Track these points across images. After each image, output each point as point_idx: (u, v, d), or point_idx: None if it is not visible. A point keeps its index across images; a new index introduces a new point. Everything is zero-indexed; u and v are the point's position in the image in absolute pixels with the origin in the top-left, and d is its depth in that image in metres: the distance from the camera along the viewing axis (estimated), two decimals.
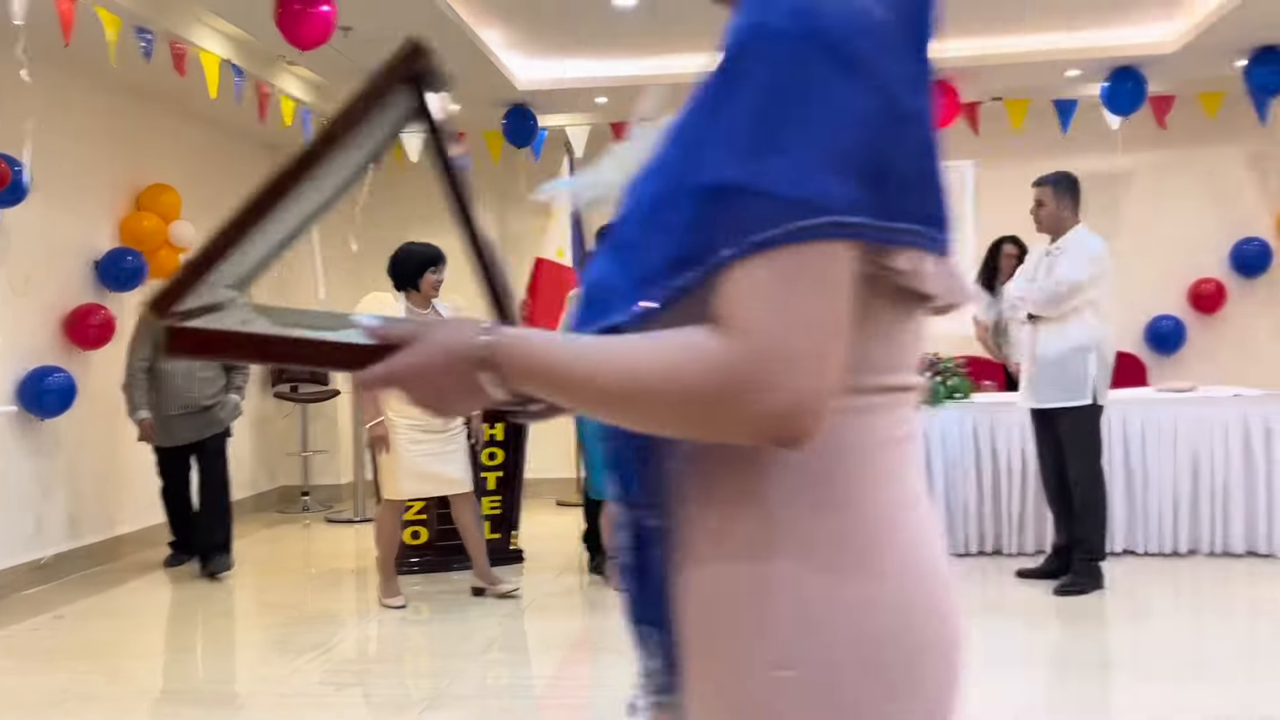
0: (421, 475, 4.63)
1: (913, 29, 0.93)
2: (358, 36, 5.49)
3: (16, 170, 4.76)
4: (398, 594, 4.76)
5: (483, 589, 4.85)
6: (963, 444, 5.42)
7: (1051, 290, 4.59)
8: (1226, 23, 5.69)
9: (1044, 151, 7.29)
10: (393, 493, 4.67)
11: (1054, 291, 4.58)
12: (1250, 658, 3.85)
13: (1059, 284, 4.58)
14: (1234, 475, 5.26)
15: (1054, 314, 4.62)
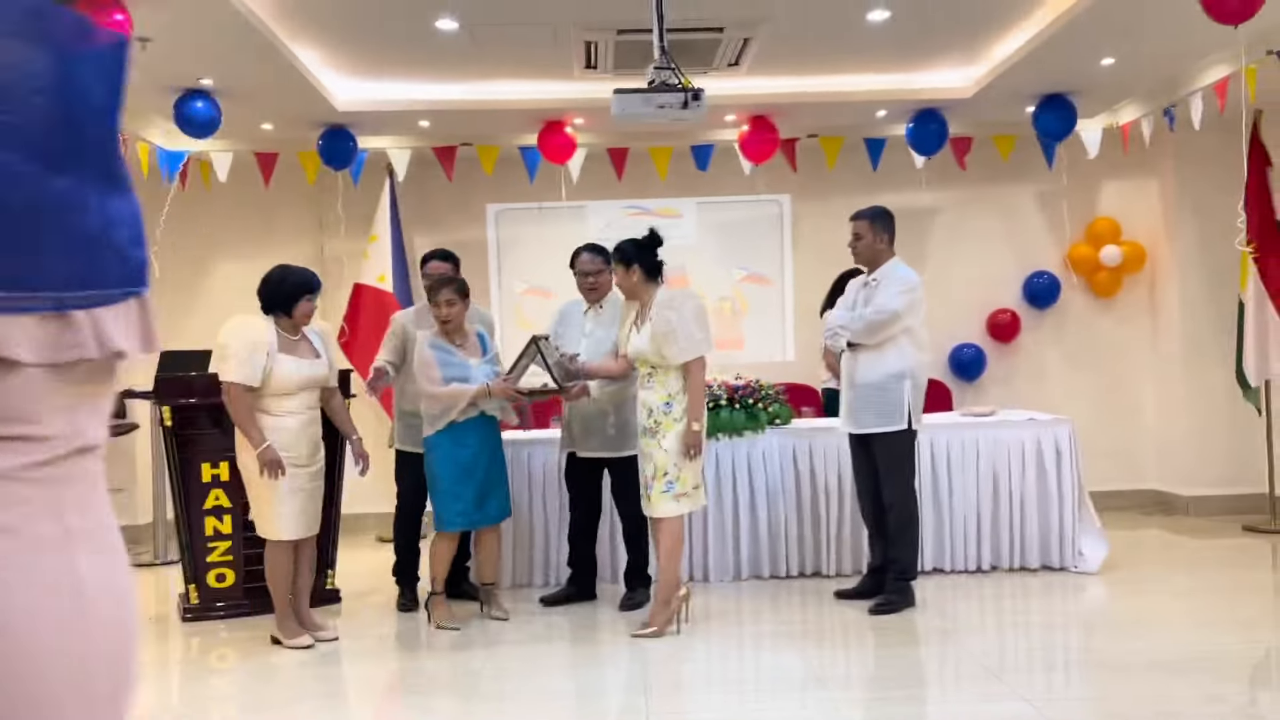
0: (300, 513, 4.41)
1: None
2: (158, 49, 5.18)
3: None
4: (301, 633, 4.48)
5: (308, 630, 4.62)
6: (783, 468, 5.56)
7: (870, 319, 4.75)
8: (1017, 71, 6.10)
9: (856, 187, 7.63)
10: (275, 533, 4.39)
11: (871, 320, 4.74)
12: (1047, 666, 4.08)
13: (877, 313, 4.74)
14: (1029, 494, 5.59)
15: (872, 342, 4.77)
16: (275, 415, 4.36)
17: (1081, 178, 7.70)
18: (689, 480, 4.48)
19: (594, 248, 5.09)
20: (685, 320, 4.45)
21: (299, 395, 4.42)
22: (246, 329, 4.36)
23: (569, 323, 5.09)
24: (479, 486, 4.67)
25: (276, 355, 4.34)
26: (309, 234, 7.78)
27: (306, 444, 4.44)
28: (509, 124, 7.01)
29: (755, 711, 3.62)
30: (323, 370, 4.52)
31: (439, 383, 4.59)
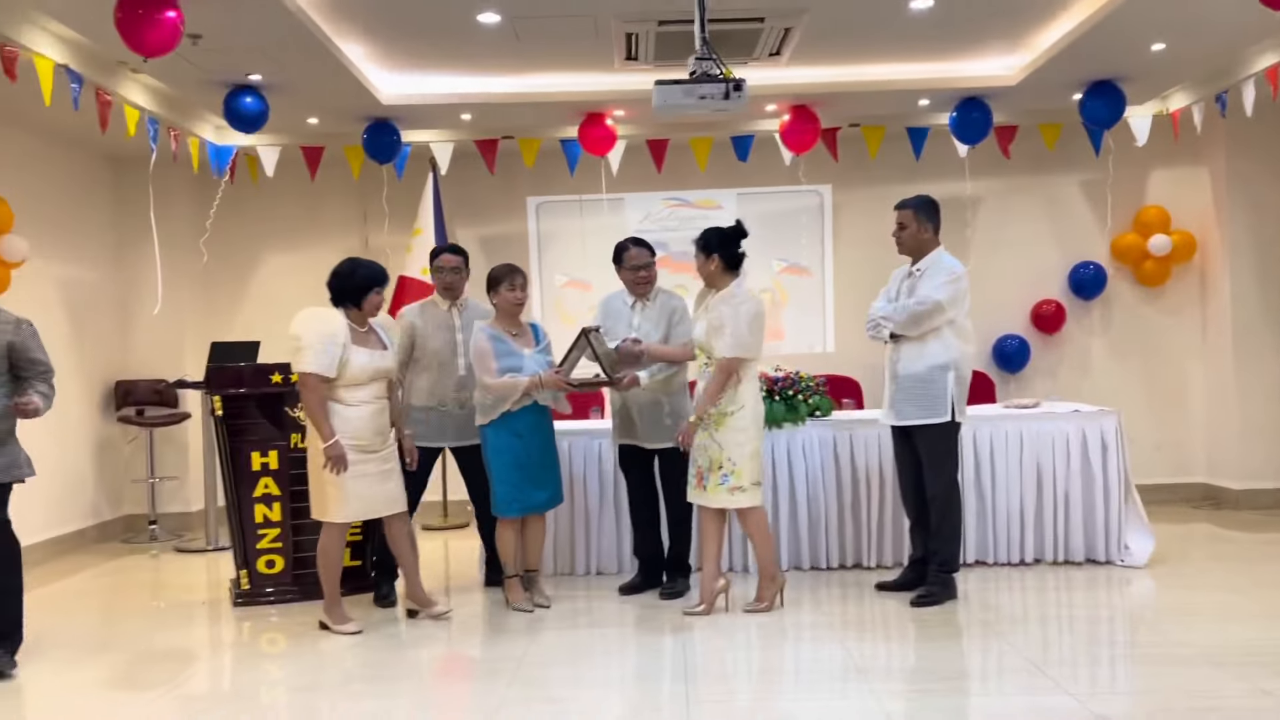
0: (366, 497, 4.52)
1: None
2: (208, 44, 5.28)
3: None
4: (348, 620, 4.60)
5: (416, 610, 4.76)
6: (823, 460, 5.55)
7: (913, 310, 4.71)
8: (1064, 57, 6.03)
9: (898, 177, 7.58)
10: (338, 515, 4.51)
11: (915, 311, 4.71)
12: (1092, 660, 4.05)
13: (920, 304, 4.70)
14: (1074, 487, 5.54)
15: (915, 333, 4.74)
16: (348, 405, 4.50)
17: (1129, 166, 7.59)
18: (746, 475, 4.54)
19: (640, 241, 5.12)
20: (739, 319, 4.53)
21: (370, 385, 4.55)
22: (321, 321, 4.48)
23: (615, 316, 5.11)
24: (533, 474, 4.78)
25: (350, 347, 4.46)
26: (354, 227, 7.88)
27: (375, 431, 4.56)
28: (550, 116, 7.04)
29: (795, 701, 3.63)
30: (390, 361, 4.66)
31: (494, 373, 4.70)
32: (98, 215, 7.40)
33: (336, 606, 4.62)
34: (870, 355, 7.34)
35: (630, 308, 5.09)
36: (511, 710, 3.56)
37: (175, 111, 6.45)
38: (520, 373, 4.72)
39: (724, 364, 4.54)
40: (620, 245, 5.12)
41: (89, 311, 7.19)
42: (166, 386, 7.34)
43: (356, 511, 4.55)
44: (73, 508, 6.96)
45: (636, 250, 5.06)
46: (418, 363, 5.10)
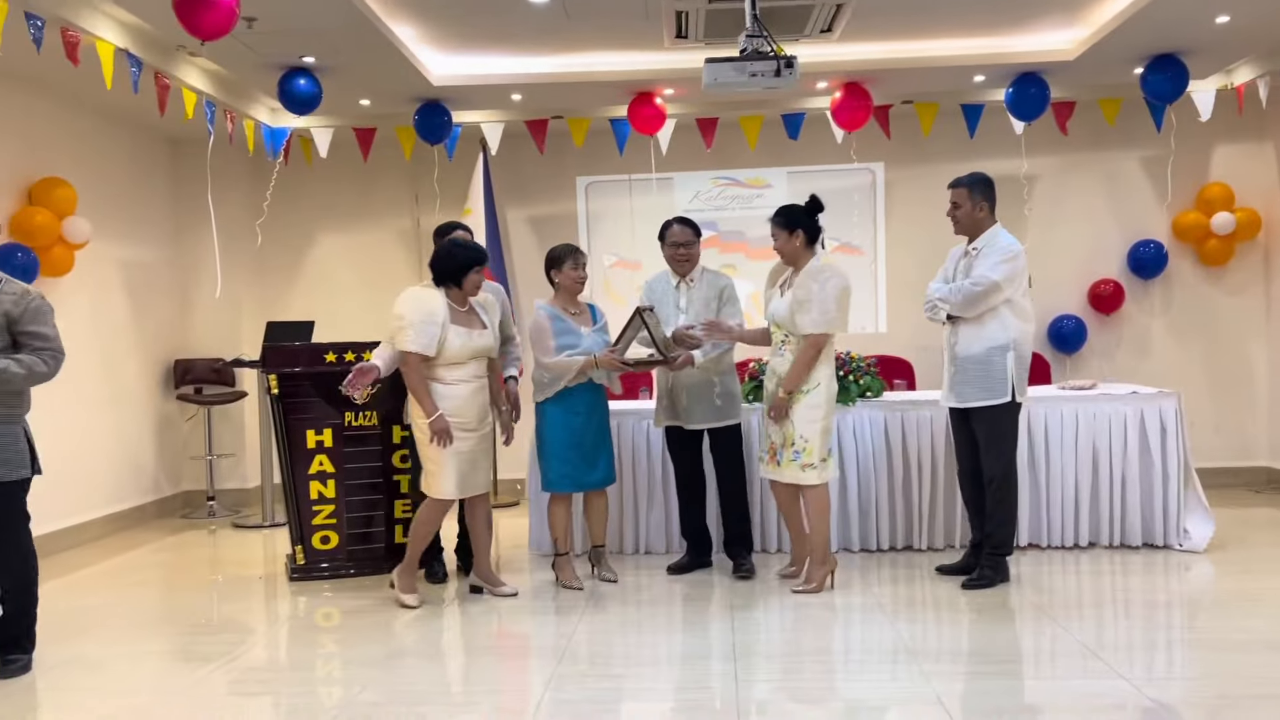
0: (465, 475, 4.62)
1: None
2: (263, 28, 5.35)
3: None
4: (414, 590, 4.74)
5: (480, 588, 4.87)
6: (874, 441, 5.51)
7: (968, 291, 4.63)
8: (1125, 30, 5.88)
9: (952, 155, 7.47)
10: (439, 492, 4.62)
11: (970, 292, 4.63)
12: (1148, 645, 3.99)
13: (975, 284, 4.62)
14: (1131, 470, 5.44)
15: (972, 314, 4.67)
16: (447, 383, 4.58)
17: (1192, 142, 7.41)
18: (816, 452, 4.61)
19: (684, 220, 5.15)
20: (826, 295, 4.56)
21: (469, 364, 4.62)
22: (422, 301, 4.57)
23: (661, 297, 5.12)
24: (586, 451, 4.85)
25: (449, 326, 4.54)
26: (405, 208, 7.95)
27: (475, 410, 4.64)
28: (599, 96, 7.03)
29: (845, 681, 3.63)
30: (490, 340, 4.72)
31: (551, 351, 4.77)
32: (156, 197, 7.54)
33: (410, 575, 4.76)
34: (923, 336, 7.28)
35: (675, 288, 5.09)
36: (563, 686, 3.59)
37: (231, 94, 6.55)
38: (578, 351, 4.77)
39: (814, 340, 4.58)
40: (666, 223, 5.14)
41: (148, 292, 7.34)
42: (224, 365, 7.48)
43: (456, 489, 4.63)
44: (134, 484, 7.13)
45: (679, 228, 5.08)
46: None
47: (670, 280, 5.14)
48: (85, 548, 6.34)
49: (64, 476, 6.31)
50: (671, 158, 7.55)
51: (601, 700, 3.47)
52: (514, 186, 7.89)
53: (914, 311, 7.54)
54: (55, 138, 6.32)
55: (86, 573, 5.71)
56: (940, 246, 5.18)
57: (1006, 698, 3.39)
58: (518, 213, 7.94)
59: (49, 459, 6.12)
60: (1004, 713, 3.25)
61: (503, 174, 7.70)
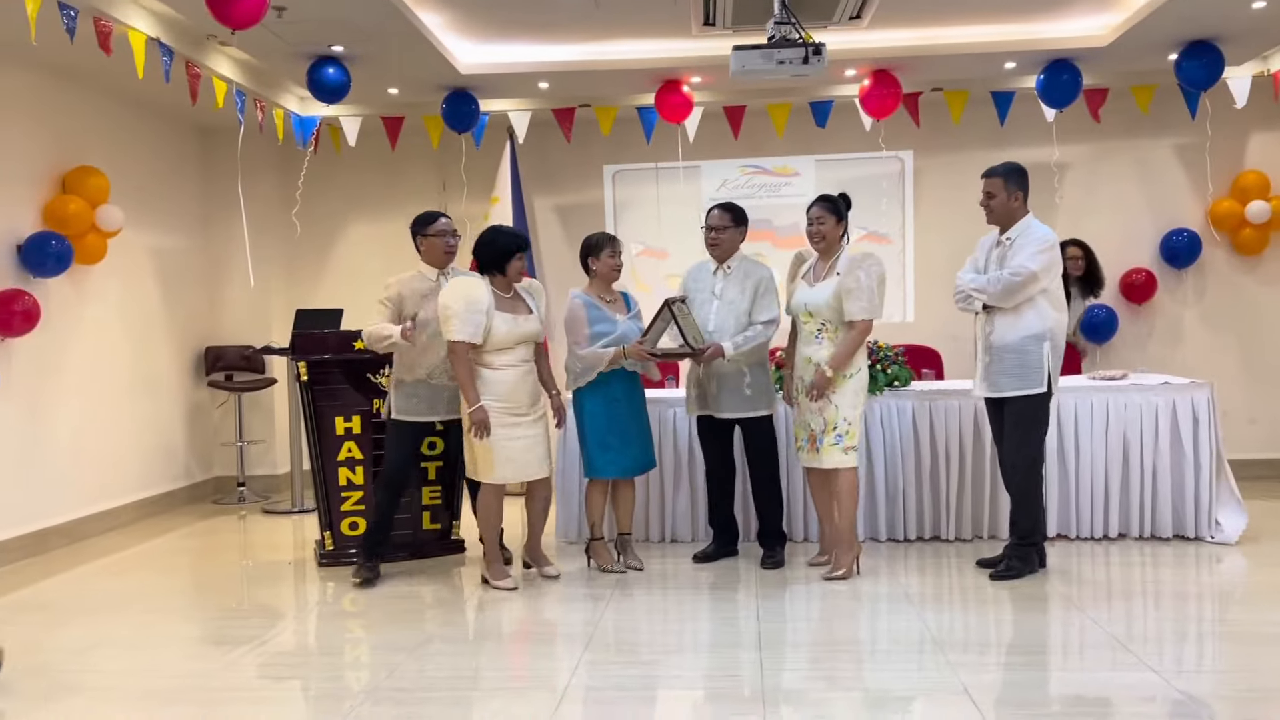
0: (518, 460, 4.69)
1: None
2: (292, 17, 5.37)
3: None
4: (506, 575, 4.81)
5: (530, 565, 5.01)
6: (901, 431, 5.49)
7: (1007, 281, 4.59)
8: (1159, 16, 5.80)
9: (983, 142, 7.41)
10: (488, 477, 4.70)
11: (1009, 282, 4.58)
12: (1178, 637, 3.95)
13: (1014, 275, 4.58)
14: (1162, 461, 5.39)
15: (1009, 304, 4.63)
16: (495, 369, 4.66)
17: (1227, 129, 7.30)
18: (856, 434, 4.73)
19: (726, 206, 5.14)
20: (871, 282, 4.67)
21: (516, 349, 4.69)
22: (466, 289, 4.63)
23: (699, 282, 5.13)
24: (624, 437, 4.91)
25: (494, 313, 4.62)
26: (433, 196, 7.98)
27: (524, 394, 4.71)
28: (627, 84, 7.02)
29: (872, 671, 3.62)
30: (536, 325, 4.78)
31: (586, 340, 4.85)
32: (187, 185, 7.61)
33: (495, 562, 4.83)
34: (951, 325, 7.23)
35: (713, 274, 5.09)
36: (588, 673, 3.61)
37: (261, 83, 6.59)
38: (612, 338, 4.85)
39: (863, 326, 4.68)
40: (712, 206, 5.17)
41: (179, 280, 7.42)
42: (254, 352, 7.55)
43: (509, 474, 4.70)
44: (165, 469, 7.22)
45: (716, 212, 5.10)
46: None
47: (709, 266, 5.13)
48: (118, 532, 6.43)
49: (98, 461, 6.41)
50: (699, 146, 7.52)
51: (628, 687, 3.48)
52: (541, 175, 7.90)
53: (942, 301, 7.48)
54: (88, 127, 6.39)
55: (119, 556, 5.80)
56: (969, 235, 5.13)
57: (1034, 689, 3.37)
58: (545, 201, 7.95)
59: (84, 444, 6.25)
60: (1031, 704, 3.23)
61: (530, 162, 7.70)
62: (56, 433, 6.04)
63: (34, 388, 5.86)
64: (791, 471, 5.47)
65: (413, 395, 4.95)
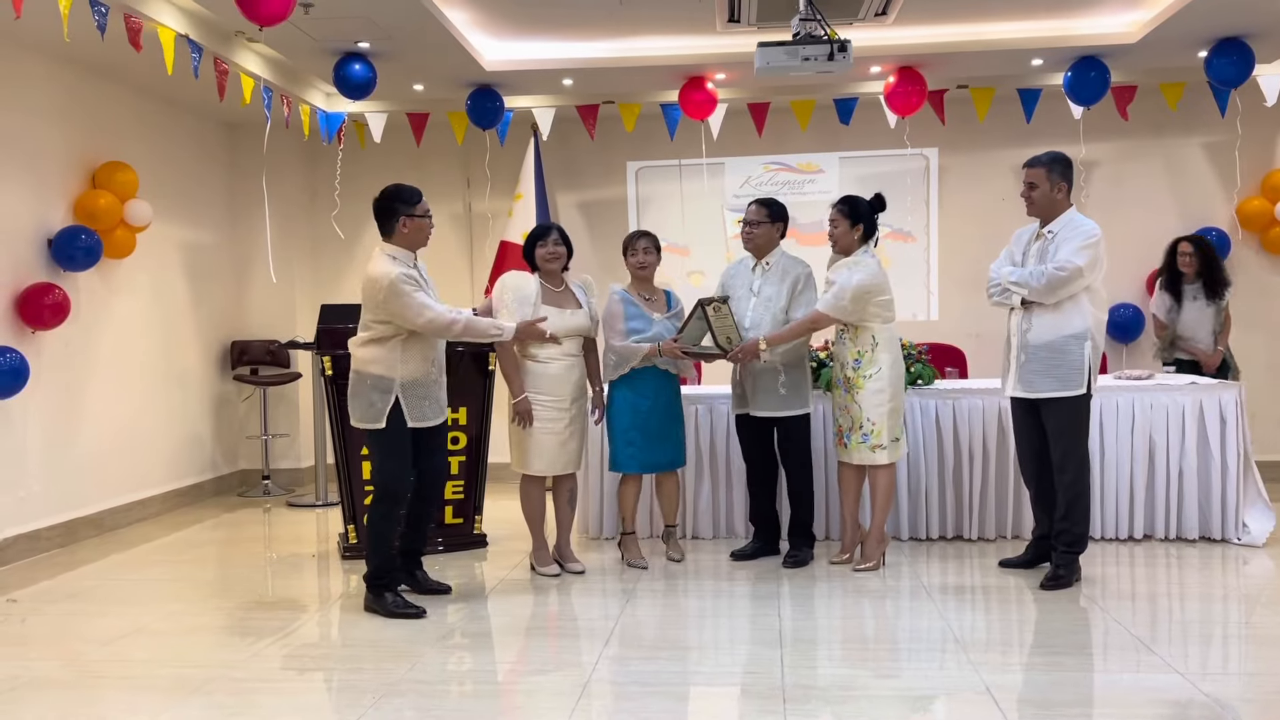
0: (550, 454, 4.78)
1: None
2: (319, 13, 5.41)
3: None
4: (550, 562, 4.96)
5: (561, 563, 5.05)
6: (924, 430, 5.47)
7: (1052, 275, 4.38)
8: (1188, 13, 5.74)
9: (1008, 140, 7.36)
10: (528, 469, 4.81)
11: (1054, 276, 4.38)
12: (1204, 639, 3.92)
13: (1060, 269, 4.37)
14: (1188, 462, 5.34)
15: (1051, 300, 4.43)
16: (539, 361, 4.75)
17: (1258, 127, 7.22)
18: (884, 433, 4.75)
19: (763, 201, 5.10)
20: (848, 283, 4.69)
21: (562, 343, 4.77)
22: (514, 283, 4.76)
23: (738, 280, 5.12)
24: (653, 433, 4.95)
25: (540, 306, 4.70)
26: (457, 192, 8.01)
27: (568, 388, 4.78)
28: (651, 81, 7.02)
29: (892, 670, 3.61)
30: (583, 320, 4.84)
31: (621, 334, 4.91)
32: (215, 180, 7.68)
33: (540, 549, 4.96)
34: (975, 323, 7.19)
35: (751, 271, 5.08)
36: (610, 668, 3.62)
37: (288, 80, 6.64)
38: (646, 336, 4.90)
39: (815, 316, 4.77)
40: (751, 201, 5.15)
41: (207, 274, 7.49)
42: (279, 347, 7.61)
43: (541, 467, 4.79)
44: (191, 462, 7.29)
45: (753, 207, 5.08)
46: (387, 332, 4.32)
47: (749, 263, 5.12)
48: (146, 523, 6.51)
49: (126, 453, 6.48)
50: (722, 142, 7.52)
51: (648, 683, 3.49)
52: (565, 171, 7.91)
53: (966, 299, 7.45)
54: (118, 122, 6.45)
55: (147, 547, 5.86)
56: (994, 233, 5.10)
57: (1057, 690, 3.36)
58: (568, 197, 7.96)
59: (112, 436, 6.32)
60: (1054, 705, 3.22)
61: (554, 159, 7.72)
62: (85, 425, 6.11)
63: (63, 380, 5.93)
64: (826, 472, 5.45)
65: (424, 397, 4.40)
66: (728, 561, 5.16)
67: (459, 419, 5.46)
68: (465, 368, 5.41)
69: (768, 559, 5.17)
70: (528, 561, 5.13)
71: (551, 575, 4.89)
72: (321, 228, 8.03)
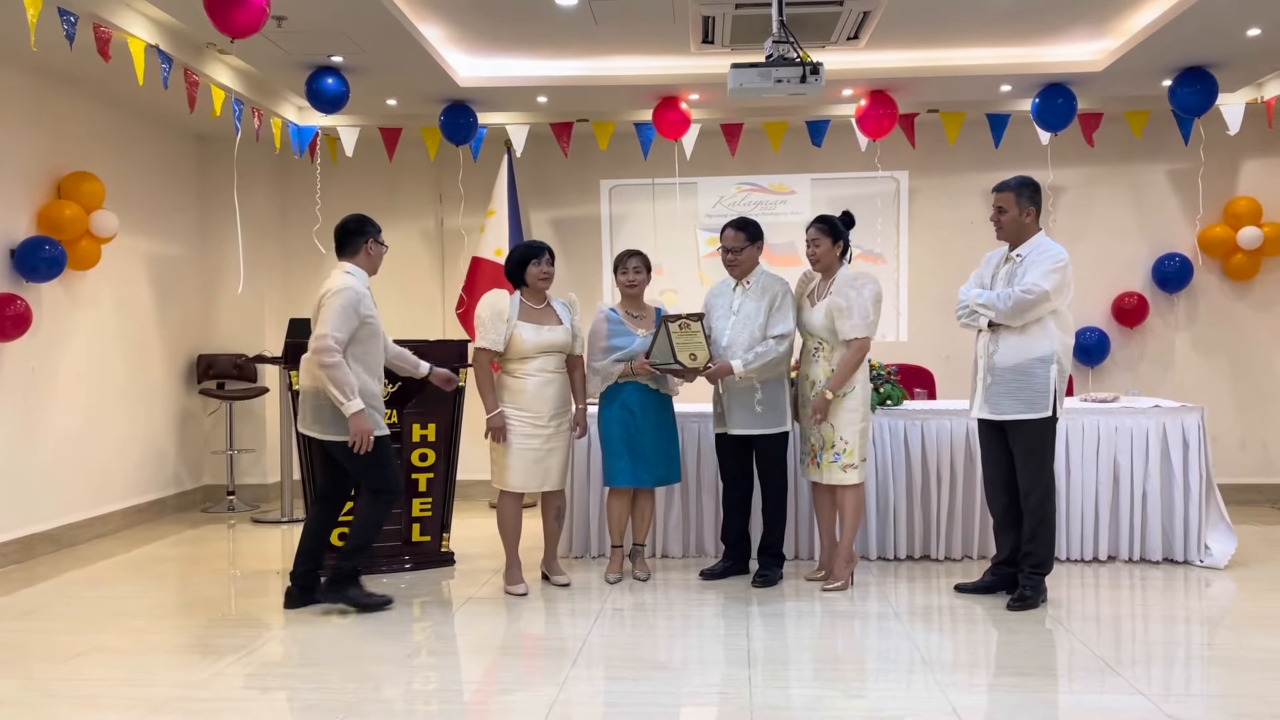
0: (525, 470, 4.78)
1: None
2: (292, 26, 5.39)
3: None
4: (519, 582, 4.94)
5: (546, 576, 5.12)
6: (894, 450, 5.49)
7: (1019, 299, 4.42)
8: (1153, 43, 5.84)
9: (977, 164, 7.46)
10: (505, 485, 4.82)
11: (1020, 300, 4.42)
12: (1167, 661, 3.96)
13: (1027, 293, 4.41)
14: (1152, 484, 5.40)
15: (1018, 323, 4.47)
16: (515, 377, 4.81)
17: (1220, 156, 7.36)
18: (855, 453, 4.80)
19: (739, 223, 5.08)
20: (865, 300, 4.73)
21: (538, 359, 4.81)
22: (493, 300, 4.84)
23: (719, 300, 5.13)
24: (638, 449, 4.99)
25: (516, 322, 4.76)
26: (429, 208, 7.99)
27: (543, 403, 4.81)
28: (625, 100, 7.04)
29: (859, 690, 3.61)
30: (560, 336, 4.87)
31: (600, 353, 4.99)
32: (183, 193, 7.61)
33: (512, 569, 4.95)
34: (944, 345, 7.25)
35: (732, 290, 5.08)
36: (576, 688, 3.60)
37: (259, 92, 6.60)
38: (626, 352, 4.96)
39: (859, 344, 4.76)
40: (724, 225, 5.12)
41: (173, 286, 7.41)
42: (246, 361, 7.54)
43: (517, 483, 4.81)
44: (155, 477, 7.19)
45: (730, 232, 5.07)
46: (370, 342, 4.58)
47: (730, 283, 5.12)
48: (106, 539, 6.40)
49: (86, 468, 6.38)
50: (695, 162, 7.55)
51: (616, 702, 3.47)
52: (538, 188, 7.91)
53: (936, 320, 7.52)
54: (85, 132, 6.39)
55: (107, 564, 5.77)
56: (964, 256, 5.16)
57: (1022, 711, 3.37)
58: (541, 215, 7.96)
59: (73, 450, 6.22)
60: None
61: (527, 176, 7.72)
62: (46, 438, 6.02)
63: (24, 393, 5.84)
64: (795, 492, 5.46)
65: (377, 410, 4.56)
66: (697, 580, 5.15)
67: (428, 435, 5.42)
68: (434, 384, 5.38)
69: (737, 578, 5.17)
70: (496, 580, 5.09)
71: (518, 594, 4.86)
72: (292, 242, 7.97)
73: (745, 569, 5.23)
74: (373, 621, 4.50)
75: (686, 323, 4.84)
